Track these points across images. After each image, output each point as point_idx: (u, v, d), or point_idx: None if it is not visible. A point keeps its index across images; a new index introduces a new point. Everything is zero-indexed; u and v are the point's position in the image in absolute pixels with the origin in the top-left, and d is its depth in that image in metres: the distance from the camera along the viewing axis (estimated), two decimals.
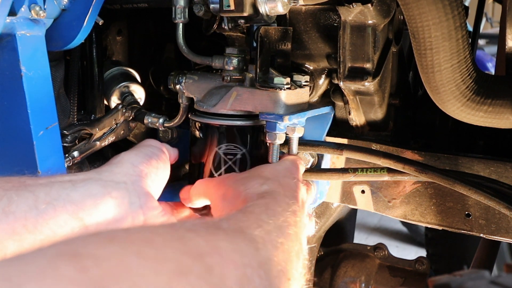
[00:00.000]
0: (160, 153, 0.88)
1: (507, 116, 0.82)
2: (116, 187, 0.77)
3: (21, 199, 0.69)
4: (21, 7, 0.83)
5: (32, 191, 0.70)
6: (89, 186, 0.75)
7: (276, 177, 0.83)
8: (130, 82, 1.18)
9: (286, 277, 0.62)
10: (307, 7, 0.97)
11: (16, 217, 0.67)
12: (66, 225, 0.71)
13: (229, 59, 0.95)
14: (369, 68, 0.94)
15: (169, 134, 1.21)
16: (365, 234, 3.96)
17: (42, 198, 0.70)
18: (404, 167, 0.94)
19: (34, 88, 0.84)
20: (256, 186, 0.79)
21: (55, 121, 0.88)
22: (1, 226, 0.66)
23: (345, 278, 1.27)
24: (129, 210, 0.77)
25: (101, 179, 0.77)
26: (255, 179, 0.81)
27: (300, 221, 0.75)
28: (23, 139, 0.84)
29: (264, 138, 0.93)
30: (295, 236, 0.69)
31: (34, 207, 0.69)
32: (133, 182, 0.79)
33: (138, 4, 1.08)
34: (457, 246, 2.38)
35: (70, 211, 0.71)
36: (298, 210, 0.76)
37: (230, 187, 0.81)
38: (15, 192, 0.69)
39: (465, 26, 0.78)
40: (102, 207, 0.74)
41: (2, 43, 0.84)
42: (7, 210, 0.67)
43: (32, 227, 0.68)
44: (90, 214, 0.73)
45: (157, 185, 0.85)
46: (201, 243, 0.51)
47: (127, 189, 0.78)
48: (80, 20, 0.90)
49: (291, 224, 0.70)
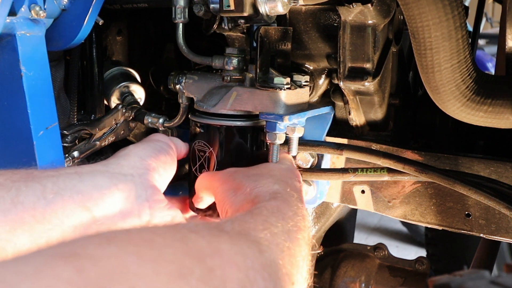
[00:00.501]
0: (168, 148, 0.88)
1: (507, 116, 0.82)
2: (123, 179, 0.77)
3: (29, 189, 0.69)
4: (21, 7, 0.83)
5: (39, 181, 0.70)
6: (95, 178, 0.75)
7: (284, 177, 0.83)
8: (130, 82, 1.18)
9: (291, 281, 0.61)
10: (307, 7, 0.97)
11: (24, 207, 0.67)
12: (73, 215, 0.71)
13: (229, 59, 0.95)
14: (369, 68, 0.94)
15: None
16: (365, 234, 3.96)
17: (50, 188, 0.70)
18: (404, 167, 0.94)
19: (34, 88, 0.84)
20: (269, 184, 0.78)
21: (55, 121, 0.88)
22: (11, 216, 0.66)
23: (345, 278, 1.27)
24: (135, 203, 0.77)
25: (108, 171, 0.77)
26: (266, 177, 0.81)
27: (308, 226, 0.74)
28: (23, 139, 0.84)
29: (264, 138, 0.93)
30: (303, 241, 0.69)
31: (42, 197, 0.69)
32: (140, 175, 0.79)
33: (138, 4, 1.08)
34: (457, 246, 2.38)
35: (77, 201, 0.71)
36: (307, 214, 0.76)
37: (241, 182, 0.81)
38: (24, 183, 0.69)
39: (465, 26, 0.78)
40: (108, 199, 0.74)
41: (2, 43, 0.84)
42: (16, 201, 0.67)
43: (41, 217, 0.68)
44: (97, 204, 0.73)
45: (164, 180, 0.86)
46: (202, 244, 0.50)
47: (134, 182, 0.78)
48: (80, 20, 0.90)
49: (301, 229, 0.70)
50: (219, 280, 0.47)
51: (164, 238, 0.48)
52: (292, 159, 0.96)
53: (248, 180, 0.81)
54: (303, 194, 1.06)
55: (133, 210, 0.77)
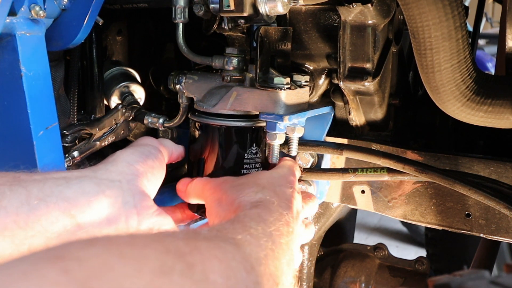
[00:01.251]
0: (157, 152, 0.87)
1: (507, 116, 0.82)
2: (111, 185, 0.76)
3: (13, 194, 0.68)
4: (21, 7, 0.83)
5: (25, 186, 0.70)
6: (83, 183, 0.74)
7: (272, 185, 0.82)
8: (130, 82, 1.18)
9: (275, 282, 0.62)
10: (307, 7, 0.97)
11: (7, 212, 0.66)
12: (57, 222, 0.70)
13: (229, 59, 0.95)
14: (369, 68, 0.94)
15: (169, 134, 1.21)
16: (365, 234, 3.96)
17: (35, 194, 0.69)
18: (404, 167, 0.94)
19: (34, 88, 0.84)
20: (251, 194, 0.78)
21: (55, 121, 0.88)
22: None
23: (345, 278, 1.27)
24: (122, 209, 0.76)
25: (96, 177, 0.76)
26: (251, 186, 0.80)
27: (292, 232, 0.74)
28: (23, 139, 0.84)
29: (265, 138, 0.93)
30: (286, 246, 0.69)
31: (26, 203, 0.68)
32: (128, 181, 0.78)
33: (138, 4, 1.08)
34: (457, 246, 2.38)
35: (62, 208, 0.70)
36: (291, 221, 0.75)
37: (226, 193, 0.81)
38: (9, 187, 0.68)
39: (465, 26, 0.78)
40: (95, 205, 0.73)
41: (2, 43, 0.84)
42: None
43: (23, 223, 0.67)
44: (83, 211, 0.72)
45: (153, 185, 0.85)
46: (180, 244, 0.51)
47: (121, 188, 0.77)
48: (80, 20, 0.90)
49: (283, 234, 0.70)
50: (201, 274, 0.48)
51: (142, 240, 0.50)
52: (292, 164, 0.94)
53: (232, 190, 0.80)
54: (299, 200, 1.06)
55: (120, 216, 0.76)
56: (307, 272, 1.29)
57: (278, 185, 0.83)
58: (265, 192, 0.79)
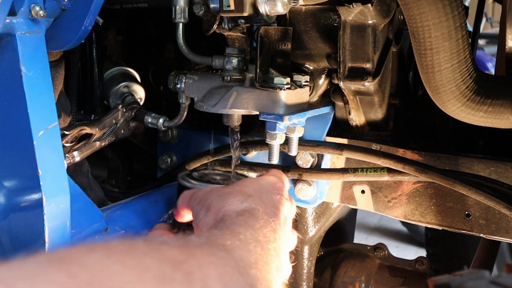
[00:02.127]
0: None
1: (507, 116, 0.82)
2: None
3: None
4: (21, 7, 0.83)
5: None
6: None
7: (258, 192, 0.82)
8: (130, 82, 1.18)
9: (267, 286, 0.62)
10: (307, 7, 0.97)
11: None
12: None
13: (229, 59, 0.95)
14: (369, 68, 0.94)
15: (169, 134, 1.21)
16: (365, 234, 3.96)
17: None
18: (404, 167, 0.94)
19: (34, 88, 0.84)
20: (236, 203, 0.78)
21: (55, 121, 0.88)
22: None
23: (345, 278, 1.27)
24: None
25: None
26: (236, 195, 0.80)
27: (280, 238, 0.74)
28: (23, 139, 0.83)
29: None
30: (274, 252, 0.69)
31: None
32: None
33: (138, 4, 1.08)
34: (457, 246, 2.38)
35: None
36: (278, 227, 0.75)
37: (211, 202, 0.81)
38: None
39: (465, 26, 0.78)
40: None
41: (2, 43, 0.83)
42: None
43: None
44: None
45: None
46: (175, 252, 0.52)
47: None
48: (80, 20, 0.90)
49: (271, 240, 0.70)
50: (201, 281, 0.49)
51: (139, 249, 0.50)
52: (279, 173, 0.95)
53: (218, 199, 0.80)
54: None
55: None
56: (307, 272, 1.28)
57: (265, 192, 0.83)
58: (250, 201, 0.79)
